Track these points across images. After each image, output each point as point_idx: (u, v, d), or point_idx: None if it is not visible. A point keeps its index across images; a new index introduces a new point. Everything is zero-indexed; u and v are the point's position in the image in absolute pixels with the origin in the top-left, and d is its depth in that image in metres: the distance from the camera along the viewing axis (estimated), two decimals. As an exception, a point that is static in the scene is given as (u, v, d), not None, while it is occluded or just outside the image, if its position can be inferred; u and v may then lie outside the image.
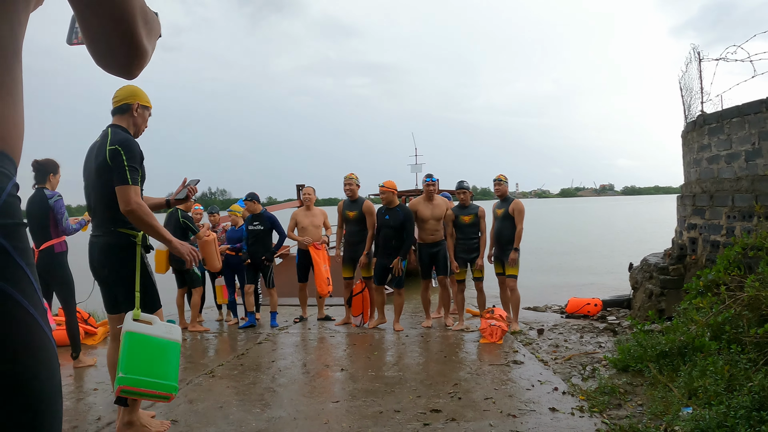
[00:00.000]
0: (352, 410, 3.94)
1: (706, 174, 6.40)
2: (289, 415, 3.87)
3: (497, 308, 6.36)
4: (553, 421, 3.74)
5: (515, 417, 3.79)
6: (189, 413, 3.94)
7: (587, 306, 7.68)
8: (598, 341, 6.07)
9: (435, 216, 6.62)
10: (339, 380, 4.73)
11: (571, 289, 13.04)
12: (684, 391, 4.01)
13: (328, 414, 3.87)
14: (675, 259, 6.62)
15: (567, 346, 5.89)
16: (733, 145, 5.93)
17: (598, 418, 3.77)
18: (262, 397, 4.28)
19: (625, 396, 4.23)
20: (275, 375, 4.87)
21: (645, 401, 4.11)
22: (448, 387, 4.45)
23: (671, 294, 6.43)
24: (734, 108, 5.91)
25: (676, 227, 7.37)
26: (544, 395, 4.26)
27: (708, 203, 6.14)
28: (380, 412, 3.89)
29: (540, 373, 4.85)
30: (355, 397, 4.22)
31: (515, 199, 6.57)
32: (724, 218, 5.87)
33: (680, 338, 4.73)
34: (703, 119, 6.42)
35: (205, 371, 5.03)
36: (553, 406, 4.00)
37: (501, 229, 6.57)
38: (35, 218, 4.74)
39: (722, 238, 5.86)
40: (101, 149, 3.16)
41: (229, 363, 5.32)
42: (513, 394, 4.30)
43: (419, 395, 4.25)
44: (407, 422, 3.70)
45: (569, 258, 20.71)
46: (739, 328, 4.43)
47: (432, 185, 6.69)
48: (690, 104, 7.05)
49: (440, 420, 3.74)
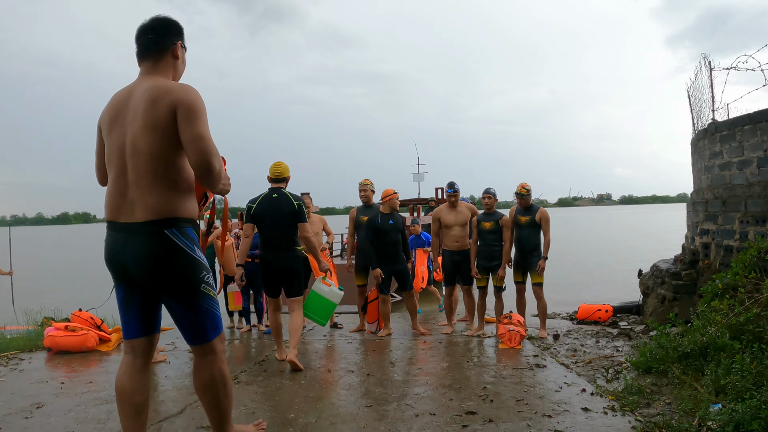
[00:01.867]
0: (387, 414, 3.94)
1: (718, 180, 6.52)
2: (325, 420, 3.86)
3: (514, 314, 6.39)
4: (588, 420, 3.77)
5: (550, 417, 3.82)
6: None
7: (598, 312, 7.74)
8: (614, 345, 6.13)
9: (459, 222, 6.63)
10: (367, 385, 4.72)
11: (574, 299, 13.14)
12: (711, 388, 4.07)
13: (363, 418, 3.87)
14: (687, 265, 6.72)
15: (585, 350, 5.94)
16: (745, 152, 6.06)
17: (630, 417, 3.82)
18: (292, 402, 4.26)
19: (653, 396, 4.28)
20: (301, 381, 4.85)
21: (673, 400, 4.17)
22: (478, 390, 4.47)
23: (684, 299, 6.51)
24: (745, 116, 6.04)
25: (686, 233, 7.48)
26: (573, 396, 4.29)
27: (721, 209, 6.25)
28: (416, 415, 3.89)
29: (565, 376, 4.88)
30: (387, 401, 4.22)
31: (541, 207, 6.56)
32: (737, 223, 5.98)
33: (701, 339, 4.80)
34: (714, 127, 6.55)
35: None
36: (585, 406, 4.04)
37: (525, 237, 6.55)
38: None
39: (736, 243, 5.96)
40: (289, 203, 5.25)
41: (251, 369, 5.29)
42: (543, 395, 4.33)
43: (450, 398, 4.27)
44: (446, 425, 3.71)
45: (572, 267, 20.83)
46: (759, 328, 4.52)
47: (453, 196, 6.70)
48: (699, 112, 7.18)
49: (477, 421, 3.76)
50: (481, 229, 6.56)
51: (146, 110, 2.52)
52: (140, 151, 2.53)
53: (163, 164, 2.55)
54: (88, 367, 5.53)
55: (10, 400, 4.44)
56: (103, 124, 2.73)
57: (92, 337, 6.18)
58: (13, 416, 4.04)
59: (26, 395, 4.55)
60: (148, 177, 2.53)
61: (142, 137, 2.53)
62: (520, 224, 6.59)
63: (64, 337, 6.09)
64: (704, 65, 6.78)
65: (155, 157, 2.53)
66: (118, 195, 2.61)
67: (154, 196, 2.54)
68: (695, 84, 7.24)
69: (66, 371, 5.38)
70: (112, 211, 2.63)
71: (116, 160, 2.61)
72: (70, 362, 5.72)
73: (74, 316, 6.57)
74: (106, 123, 2.70)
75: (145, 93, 2.56)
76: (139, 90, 2.62)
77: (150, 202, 2.54)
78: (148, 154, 2.53)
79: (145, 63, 2.76)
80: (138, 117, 2.54)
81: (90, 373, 5.29)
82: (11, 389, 4.75)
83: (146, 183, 2.53)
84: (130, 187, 2.57)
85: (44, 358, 5.92)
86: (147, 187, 2.54)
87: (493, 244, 6.53)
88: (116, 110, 2.66)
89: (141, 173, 2.54)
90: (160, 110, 2.50)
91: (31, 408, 4.22)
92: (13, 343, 6.38)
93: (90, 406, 4.25)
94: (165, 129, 2.51)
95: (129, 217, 2.57)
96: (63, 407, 4.23)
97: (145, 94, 2.56)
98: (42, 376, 5.20)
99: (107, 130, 2.68)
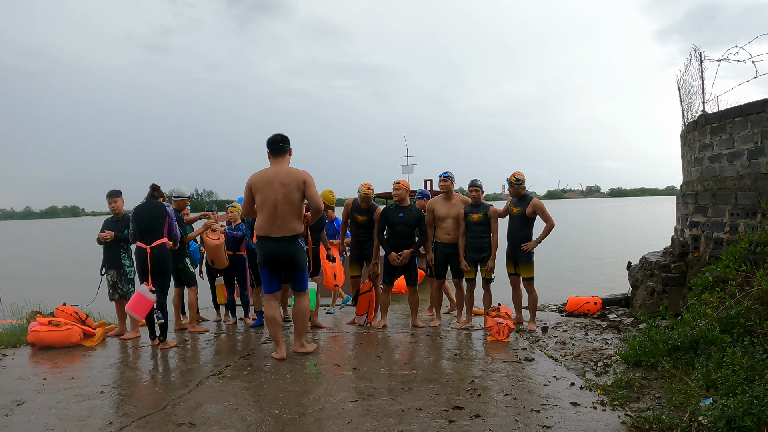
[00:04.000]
0: (373, 409, 3.88)
1: (708, 173, 6.49)
2: (310, 415, 3.79)
3: (503, 306, 6.33)
4: (577, 415, 3.73)
5: (539, 412, 3.77)
6: (205, 416, 3.83)
7: (587, 304, 7.71)
8: (603, 338, 6.10)
9: (452, 215, 6.53)
10: (353, 379, 4.66)
11: (562, 288, 13.17)
12: (702, 383, 4.04)
13: (349, 413, 3.80)
14: (677, 257, 6.69)
15: (573, 343, 5.91)
16: (735, 144, 6.02)
17: (620, 411, 3.78)
18: (277, 397, 4.19)
19: (642, 390, 4.25)
20: (286, 375, 4.78)
21: (663, 394, 4.14)
22: (465, 384, 4.42)
23: (673, 291, 6.49)
24: (736, 108, 6.00)
25: (676, 225, 7.46)
26: (562, 390, 4.25)
27: (710, 201, 6.22)
28: (402, 411, 3.83)
29: (553, 370, 4.84)
30: (373, 396, 4.16)
31: (534, 198, 6.43)
32: (728, 216, 5.95)
33: (692, 332, 4.77)
34: (704, 119, 6.51)
35: (213, 372, 4.92)
36: (574, 400, 3.99)
37: (516, 229, 6.46)
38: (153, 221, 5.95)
39: (726, 236, 5.94)
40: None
41: (236, 363, 5.21)
42: (531, 390, 4.29)
43: (438, 393, 4.21)
44: (432, 420, 3.66)
45: (560, 259, 20.85)
46: (750, 322, 4.49)
47: (445, 181, 6.59)
48: (690, 105, 7.13)
49: (465, 417, 3.70)
50: (468, 221, 6.46)
51: (290, 182, 4.98)
52: (288, 201, 4.99)
53: (296, 208, 5.06)
54: (72, 363, 5.43)
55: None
56: (256, 186, 5.02)
57: (76, 332, 6.07)
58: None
59: (7, 392, 4.45)
60: (290, 213, 5.03)
61: (290, 194, 4.98)
62: (512, 215, 6.50)
63: (48, 332, 5.97)
64: (695, 57, 6.73)
65: (294, 204, 5.03)
66: (270, 222, 5.03)
67: (291, 223, 5.06)
68: (685, 76, 7.19)
69: (49, 367, 5.28)
70: (267, 231, 5.05)
71: (269, 206, 4.99)
72: (53, 358, 5.62)
73: (58, 311, 6.45)
74: (260, 186, 5.00)
75: (287, 175, 5.02)
76: (281, 172, 5.04)
77: (290, 227, 5.06)
78: (291, 203, 5.01)
79: (278, 157, 5.16)
80: (285, 185, 4.97)
81: (73, 369, 5.19)
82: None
83: (288, 217, 5.03)
84: (277, 219, 5.01)
85: (28, 354, 5.80)
86: (287, 219, 5.03)
87: (482, 236, 6.44)
88: (266, 181, 5.01)
89: (286, 212, 5.01)
90: (297, 182, 5.00)
91: (11, 405, 4.12)
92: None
93: (71, 402, 4.16)
94: (300, 191, 5.01)
95: (277, 234, 5.05)
96: (44, 404, 4.14)
97: (287, 175, 5.02)
98: (24, 372, 5.09)
99: (262, 190, 5.00)
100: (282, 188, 4.94)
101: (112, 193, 6.51)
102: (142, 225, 5.87)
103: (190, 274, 6.85)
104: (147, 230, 5.84)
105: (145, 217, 5.89)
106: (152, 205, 5.97)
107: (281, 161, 5.11)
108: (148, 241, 5.82)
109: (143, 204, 6.04)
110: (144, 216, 5.90)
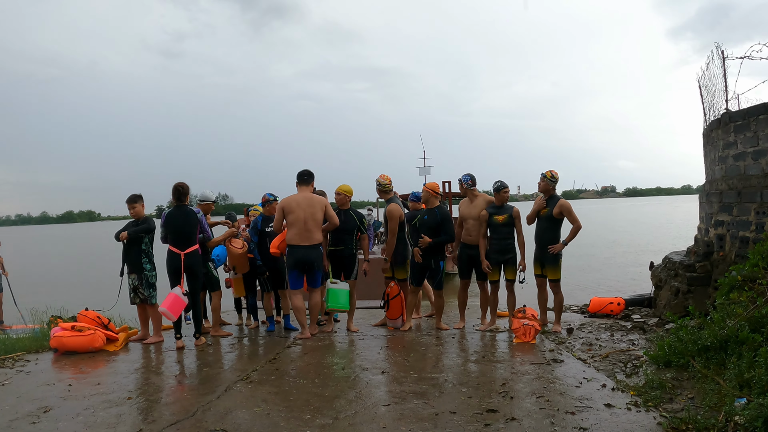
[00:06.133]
0: (406, 413, 3.85)
1: (732, 171, 6.42)
2: (342, 420, 3.77)
3: (528, 308, 6.29)
4: (612, 416, 3.69)
5: (573, 414, 3.74)
6: (236, 422, 3.80)
7: (610, 305, 7.64)
8: (629, 339, 6.05)
9: (473, 216, 6.53)
10: (383, 383, 4.64)
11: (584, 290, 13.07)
12: (734, 383, 3.99)
13: (383, 418, 3.78)
14: (701, 257, 6.63)
15: (600, 344, 5.86)
16: (760, 142, 5.96)
17: (655, 412, 3.74)
18: (308, 402, 4.17)
19: (674, 390, 4.20)
20: (315, 379, 4.76)
21: (695, 395, 4.09)
22: (497, 386, 4.39)
23: (698, 291, 6.43)
24: (761, 105, 5.94)
25: (699, 225, 7.39)
26: (594, 392, 4.21)
27: (735, 200, 6.16)
28: (436, 414, 3.81)
29: (583, 371, 4.80)
30: (405, 400, 4.13)
31: (561, 199, 6.37)
32: (753, 214, 5.89)
33: (721, 332, 4.71)
34: (728, 117, 6.44)
35: (240, 377, 4.91)
36: (608, 402, 3.96)
37: (544, 230, 6.41)
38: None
39: (752, 234, 5.87)
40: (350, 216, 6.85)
41: (262, 368, 5.19)
42: (563, 391, 4.25)
43: (470, 396, 4.18)
44: (467, 423, 3.63)
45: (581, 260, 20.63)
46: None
47: (460, 185, 6.69)
48: (711, 103, 7.06)
49: (500, 420, 3.67)
50: (493, 222, 6.43)
51: (315, 204, 6.31)
52: (314, 219, 6.29)
53: (319, 224, 6.34)
54: (96, 368, 5.43)
55: (16, 403, 4.34)
56: (288, 208, 6.25)
57: (99, 337, 6.07)
58: (20, 421, 3.94)
59: (33, 398, 4.44)
60: (315, 227, 6.31)
61: (315, 214, 6.30)
62: (539, 216, 6.46)
63: (70, 337, 5.98)
64: (716, 54, 6.66)
65: (317, 221, 6.33)
66: (300, 234, 6.24)
67: (315, 234, 6.31)
68: (706, 74, 7.12)
69: (73, 372, 5.28)
70: (298, 241, 6.25)
71: (300, 222, 6.24)
72: (77, 363, 5.61)
73: (81, 316, 6.47)
74: (292, 207, 6.24)
75: (312, 199, 6.34)
76: (308, 197, 6.35)
77: (316, 237, 6.32)
78: (315, 220, 6.30)
79: (304, 186, 6.47)
80: (312, 206, 6.29)
81: (98, 374, 5.19)
82: (17, 392, 4.64)
83: (313, 230, 6.29)
84: (306, 232, 6.25)
85: (51, 360, 5.81)
86: (314, 231, 6.30)
87: (507, 237, 6.41)
88: (297, 203, 6.27)
89: (312, 227, 6.28)
90: (321, 205, 6.35)
91: (38, 412, 4.11)
92: (19, 344, 6.26)
93: (99, 409, 4.15)
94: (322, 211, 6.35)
95: (308, 242, 6.27)
96: (71, 411, 4.12)
97: (312, 200, 6.33)
98: (49, 378, 5.09)
99: (294, 210, 6.24)
100: (309, 209, 6.28)
101: (131, 198, 6.53)
102: (175, 231, 6.22)
103: (214, 279, 6.86)
104: (180, 236, 6.22)
105: (179, 224, 6.23)
106: (184, 212, 6.27)
107: (306, 189, 6.47)
108: (182, 247, 6.20)
109: (174, 211, 6.31)
110: (177, 223, 6.24)
